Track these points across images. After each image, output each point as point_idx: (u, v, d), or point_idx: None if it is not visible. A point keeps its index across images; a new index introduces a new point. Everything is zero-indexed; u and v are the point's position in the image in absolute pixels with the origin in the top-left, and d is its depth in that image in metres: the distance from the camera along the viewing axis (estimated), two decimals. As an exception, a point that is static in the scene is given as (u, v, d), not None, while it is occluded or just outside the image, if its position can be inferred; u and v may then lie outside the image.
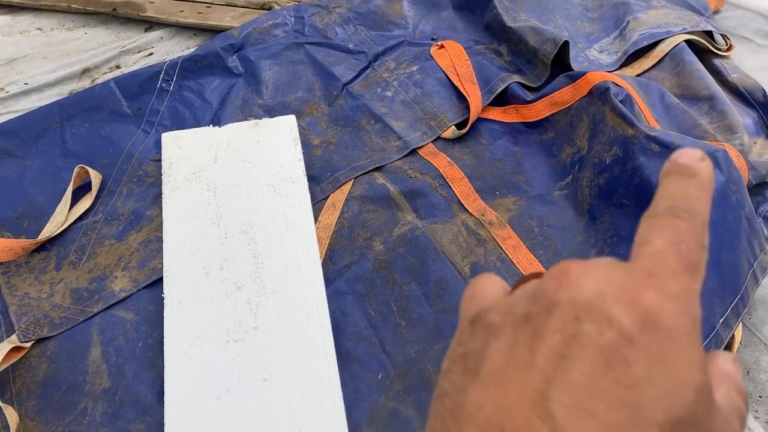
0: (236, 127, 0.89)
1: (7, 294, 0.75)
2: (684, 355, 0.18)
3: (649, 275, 0.19)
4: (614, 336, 0.18)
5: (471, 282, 0.25)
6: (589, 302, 0.19)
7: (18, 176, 0.87)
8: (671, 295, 0.19)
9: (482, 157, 0.88)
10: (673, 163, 0.23)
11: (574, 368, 0.18)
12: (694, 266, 0.20)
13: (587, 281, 0.19)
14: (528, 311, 0.20)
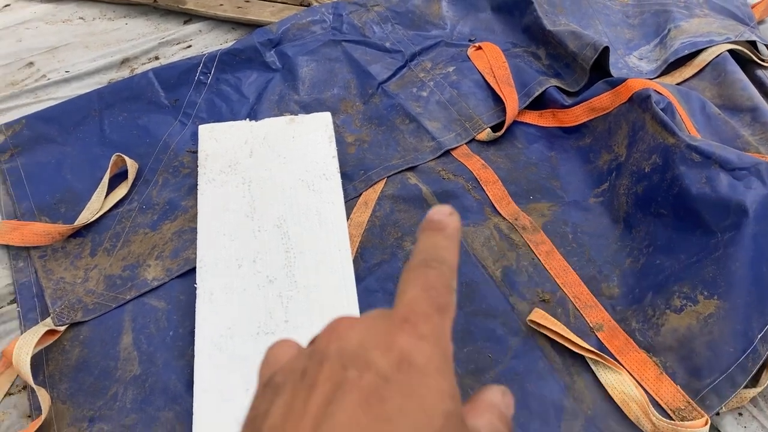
0: (272, 122, 0.89)
1: (43, 278, 0.76)
2: (434, 387, 0.21)
3: (404, 321, 0.22)
4: (372, 378, 0.21)
5: (267, 350, 0.27)
6: (353, 351, 0.21)
7: (57, 162, 0.88)
8: (423, 336, 0.22)
9: (517, 160, 0.88)
10: (427, 221, 0.27)
11: (339, 411, 0.20)
12: (444, 307, 0.24)
13: (352, 333, 0.22)
14: (305, 366, 0.22)
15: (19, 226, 0.80)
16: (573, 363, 0.69)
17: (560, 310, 0.73)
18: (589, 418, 0.65)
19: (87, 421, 0.66)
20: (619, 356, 0.68)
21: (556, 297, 0.74)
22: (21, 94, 0.99)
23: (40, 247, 0.79)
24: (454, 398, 0.22)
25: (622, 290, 0.73)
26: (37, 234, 0.79)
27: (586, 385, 0.67)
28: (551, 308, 0.73)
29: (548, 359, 0.69)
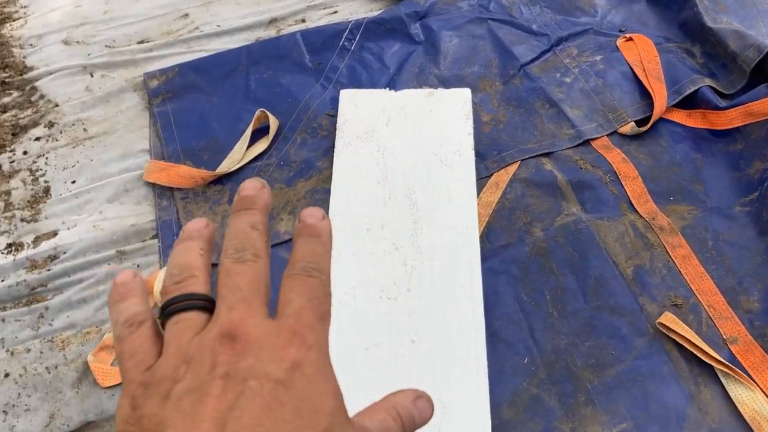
0: (411, 93, 0.90)
1: (183, 218, 0.80)
2: (321, 390, 0.25)
3: (293, 334, 0.25)
4: (271, 386, 0.23)
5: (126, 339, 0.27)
6: (252, 366, 0.24)
7: (203, 111, 0.92)
8: (310, 346, 0.25)
9: (660, 158, 0.84)
10: (302, 225, 0.30)
11: (243, 414, 0.23)
12: (324, 315, 0.27)
13: (249, 351, 0.24)
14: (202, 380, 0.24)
15: (166, 167, 0.84)
16: (700, 372, 0.66)
17: (692, 317, 0.70)
18: (713, 431, 0.62)
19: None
20: (754, 373, 0.64)
21: (689, 303, 0.71)
22: (175, 43, 1.04)
23: (182, 189, 0.83)
24: (337, 397, 0.25)
25: (764, 305, 0.69)
26: (181, 176, 0.83)
27: (713, 396, 0.64)
28: (683, 314, 0.70)
29: (674, 365, 0.67)
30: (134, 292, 0.29)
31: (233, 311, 0.26)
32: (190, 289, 0.28)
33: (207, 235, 0.30)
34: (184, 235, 0.30)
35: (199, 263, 0.29)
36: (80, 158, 0.88)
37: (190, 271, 0.28)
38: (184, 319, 0.26)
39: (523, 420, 0.64)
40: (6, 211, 0.83)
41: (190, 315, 0.27)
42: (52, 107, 0.95)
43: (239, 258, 0.28)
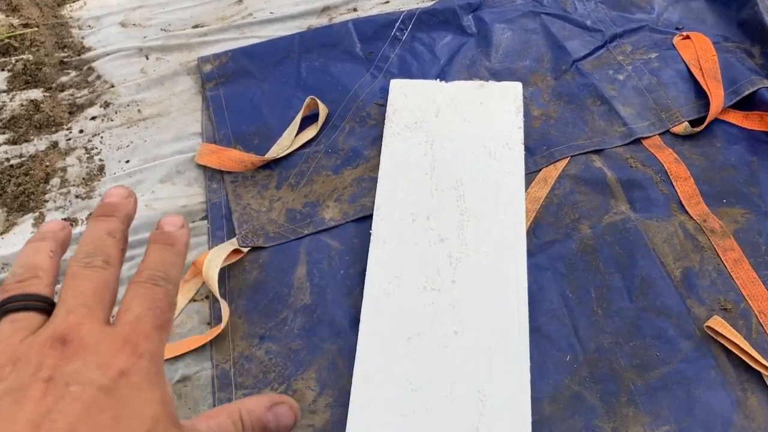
0: (462, 85, 0.90)
1: (232, 201, 0.82)
2: (146, 397, 0.25)
3: (125, 342, 0.25)
4: (94, 392, 0.23)
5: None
6: (76, 371, 0.24)
7: (255, 97, 0.94)
8: (141, 354, 0.25)
9: (713, 160, 0.83)
10: (159, 231, 0.30)
11: (60, 419, 0.23)
12: (164, 325, 0.27)
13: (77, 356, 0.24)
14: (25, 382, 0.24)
15: (217, 151, 0.86)
16: (748, 378, 0.65)
17: (742, 322, 0.69)
18: (760, 439, 0.61)
19: (258, 338, 0.71)
20: (804, 382, 0.63)
21: (739, 308, 0.70)
22: (229, 28, 1.05)
23: (232, 173, 0.85)
24: (165, 404, 0.26)
25: (817, 314, 0.68)
26: (232, 160, 0.85)
27: (760, 403, 0.63)
28: (732, 318, 0.69)
29: (721, 370, 0.66)
30: None
31: (70, 315, 0.26)
32: (31, 289, 0.28)
33: (61, 238, 0.30)
34: (37, 235, 0.30)
35: (45, 265, 0.29)
36: (134, 138, 0.90)
37: (33, 272, 0.28)
38: (20, 319, 0.27)
39: (563, 417, 0.64)
40: (62, 187, 0.85)
41: (27, 315, 0.27)
42: (108, 88, 0.97)
43: (88, 263, 0.28)
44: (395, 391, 0.64)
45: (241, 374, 0.68)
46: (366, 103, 0.92)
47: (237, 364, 0.69)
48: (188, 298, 0.74)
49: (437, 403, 0.63)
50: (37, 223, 0.81)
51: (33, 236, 0.30)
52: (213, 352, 0.70)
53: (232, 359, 0.69)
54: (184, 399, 0.67)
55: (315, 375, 0.68)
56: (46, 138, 0.91)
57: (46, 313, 0.27)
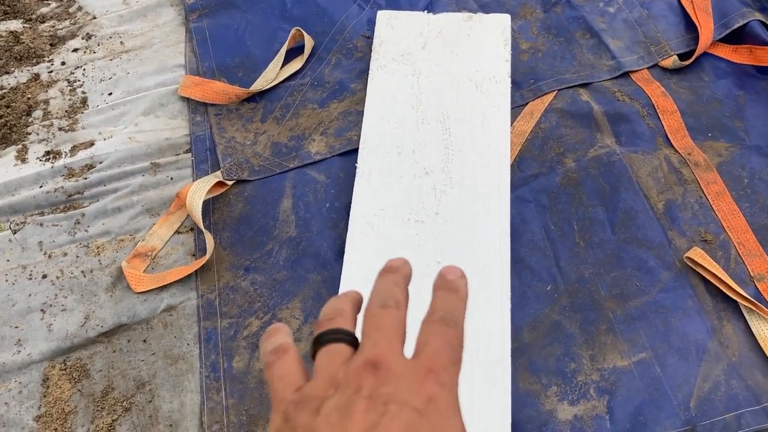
0: (450, 17, 0.88)
1: (216, 134, 0.81)
2: (450, 423, 0.27)
3: (429, 371, 0.28)
4: (411, 411, 0.26)
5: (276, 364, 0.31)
6: (392, 393, 0.27)
7: (239, 28, 0.92)
8: (443, 384, 0.28)
9: (700, 94, 0.82)
10: (442, 280, 0.33)
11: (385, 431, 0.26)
12: (458, 360, 0.30)
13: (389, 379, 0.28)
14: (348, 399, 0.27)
15: (200, 83, 0.85)
16: (725, 308, 0.66)
17: (721, 253, 0.69)
18: (733, 365, 0.63)
19: (243, 269, 0.71)
20: (778, 310, 0.64)
21: (718, 239, 0.70)
22: (212, -42, 1.02)
23: (216, 105, 0.84)
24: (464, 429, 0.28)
25: (795, 245, 0.69)
26: (215, 92, 0.84)
27: (735, 331, 0.65)
28: (711, 250, 0.70)
29: (699, 299, 0.67)
30: (281, 331, 0.34)
31: (377, 346, 0.29)
32: (338, 324, 0.32)
33: (355, 297, 0.35)
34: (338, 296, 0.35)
35: (348, 309, 0.33)
36: (117, 71, 0.89)
37: (338, 312, 0.33)
38: (333, 350, 0.31)
39: (543, 344, 0.65)
40: (44, 119, 0.84)
41: (339, 346, 0.31)
42: (89, 19, 0.95)
43: (383, 305, 0.32)
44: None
45: (226, 304, 0.69)
46: (353, 35, 0.91)
47: (222, 295, 0.70)
48: (173, 230, 0.74)
49: (419, 331, 0.64)
50: (20, 155, 0.81)
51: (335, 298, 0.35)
52: (198, 282, 0.70)
53: (217, 290, 0.70)
54: (170, 328, 0.68)
55: (300, 305, 0.69)
56: (27, 70, 0.89)
57: (354, 346, 0.31)
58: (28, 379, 0.66)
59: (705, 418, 0.61)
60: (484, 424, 0.59)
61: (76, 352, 0.67)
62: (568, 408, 0.62)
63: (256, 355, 0.66)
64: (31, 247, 0.74)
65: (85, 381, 0.66)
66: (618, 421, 0.61)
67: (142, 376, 0.66)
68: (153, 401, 0.64)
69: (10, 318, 0.69)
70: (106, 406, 0.64)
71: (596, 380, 0.63)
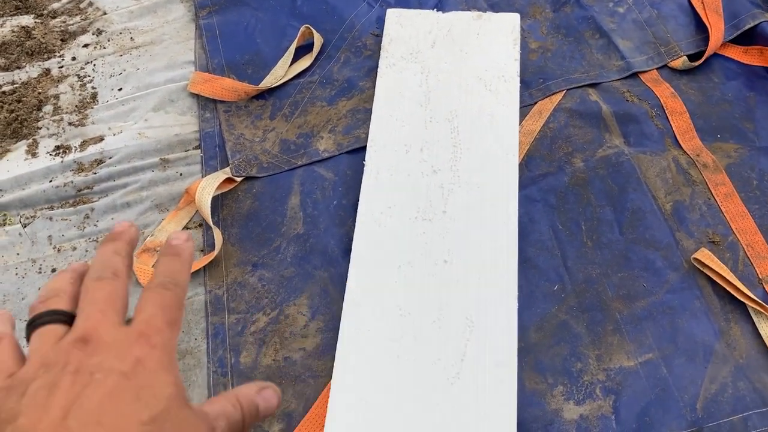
0: (459, 15, 0.88)
1: (225, 130, 0.81)
2: (161, 379, 0.29)
3: (140, 335, 0.30)
4: (115, 377, 0.28)
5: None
6: (99, 363, 0.28)
7: (249, 25, 0.92)
8: (155, 345, 0.29)
9: (710, 95, 0.82)
10: (167, 245, 0.35)
11: (87, 401, 0.27)
12: (174, 321, 0.31)
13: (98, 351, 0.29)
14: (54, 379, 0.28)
15: (210, 79, 0.85)
16: (732, 310, 0.66)
17: (729, 255, 0.69)
18: (740, 366, 0.63)
19: (251, 265, 0.72)
20: (786, 313, 0.64)
21: (726, 241, 0.70)
22: (223, -45, 1.03)
23: (225, 102, 0.84)
24: (177, 386, 0.29)
25: (804, 247, 0.69)
26: (225, 89, 0.84)
27: (743, 333, 0.65)
28: (719, 251, 0.69)
29: (706, 301, 0.67)
30: None
31: (88, 320, 0.30)
32: (52, 306, 0.32)
33: (81, 271, 0.35)
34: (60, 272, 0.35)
35: (65, 287, 0.33)
36: (127, 67, 0.89)
37: (54, 293, 0.33)
38: (45, 331, 0.31)
39: (549, 344, 0.66)
40: (54, 114, 0.84)
41: (52, 327, 0.31)
42: (100, 15, 0.96)
43: (98, 277, 0.33)
44: (384, 316, 0.65)
45: (234, 300, 0.69)
46: (362, 33, 0.91)
47: (230, 290, 0.70)
48: (182, 226, 0.75)
49: (425, 329, 0.64)
50: (31, 150, 0.81)
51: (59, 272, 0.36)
52: (206, 278, 0.71)
53: (225, 285, 0.70)
54: (178, 322, 0.68)
55: (307, 301, 0.69)
56: (38, 65, 0.90)
57: (68, 324, 0.31)
58: (36, 372, 0.66)
59: (711, 419, 0.61)
60: (490, 423, 0.59)
61: (85, 346, 0.68)
62: (574, 408, 0.62)
63: (263, 351, 0.66)
64: (41, 241, 0.74)
65: (93, 375, 0.66)
66: (624, 421, 0.61)
67: (149, 371, 0.66)
68: (160, 396, 0.65)
69: (19, 312, 0.70)
70: (113, 400, 0.64)
71: (602, 380, 0.63)
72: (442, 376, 0.62)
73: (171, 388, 0.29)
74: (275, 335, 0.67)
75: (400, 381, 0.62)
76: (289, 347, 0.66)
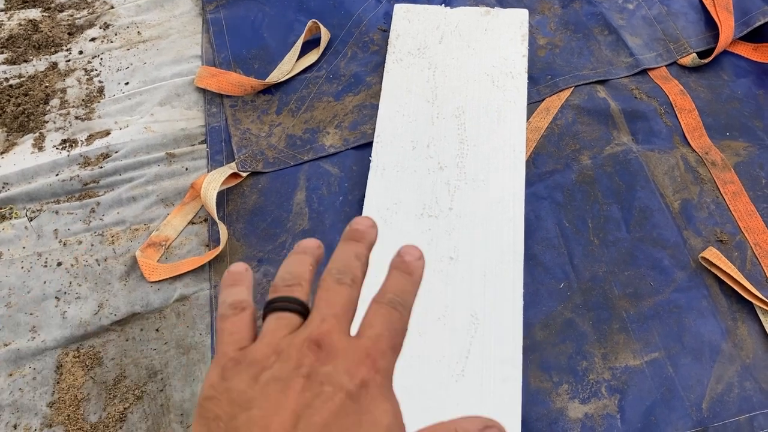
0: (467, 11, 0.88)
1: (231, 125, 0.81)
2: (382, 408, 0.28)
3: (366, 356, 0.29)
4: (342, 396, 0.27)
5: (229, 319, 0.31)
6: (329, 374, 0.28)
7: (256, 20, 0.92)
8: (378, 369, 0.29)
9: (719, 93, 0.81)
10: (400, 259, 0.34)
11: (317, 414, 0.26)
12: (397, 345, 0.30)
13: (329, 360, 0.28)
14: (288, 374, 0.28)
15: (217, 74, 0.85)
16: (739, 309, 0.66)
17: (737, 254, 0.69)
18: (746, 366, 0.62)
19: (256, 261, 0.71)
20: (794, 313, 0.64)
21: (734, 240, 0.70)
22: (230, -50, 1.02)
23: (231, 97, 0.84)
24: (396, 416, 0.28)
25: (813, 247, 0.68)
26: (231, 83, 0.84)
27: (749, 333, 0.64)
28: (727, 250, 0.69)
29: (713, 300, 0.66)
30: (243, 282, 0.34)
31: (324, 323, 0.30)
32: (294, 294, 0.32)
33: (318, 255, 0.35)
34: (299, 249, 0.35)
35: (306, 275, 0.33)
36: (134, 61, 0.89)
37: (298, 280, 0.33)
38: (283, 317, 0.31)
39: (554, 342, 0.65)
40: (61, 108, 0.84)
41: (288, 315, 0.31)
42: (107, 9, 0.96)
43: (339, 280, 0.32)
44: (390, 313, 0.65)
45: (238, 295, 0.69)
46: (369, 29, 0.90)
47: (235, 285, 0.70)
48: (187, 220, 0.75)
49: (431, 326, 0.64)
50: (37, 143, 0.81)
51: (295, 249, 0.35)
52: (211, 273, 0.71)
53: (230, 280, 0.70)
54: (182, 318, 0.68)
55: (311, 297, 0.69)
56: (45, 58, 0.90)
57: (303, 317, 0.31)
58: (42, 366, 0.66)
59: (717, 419, 0.60)
60: (494, 420, 0.59)
61: (90, 340, 0.68)
62: (579, 406, 0.62)
63: (267, 347, 0.66)
64: (47, 235, 0.74)
65: (97, 369, 0.66)
66: (629, 420, 0.61)
67: (154, 365, 0.66)
68: (165, 390, 0.65)
69: (25, 305, 0.70)
70: (118, 394, 0.65)
71: (608, 379, 0.63)
72: (447, 373, 0.62)
73: (390, 418, 0.28)
74: (280, 331, 0.67)
75: (405, 378, 0.62)
76: None
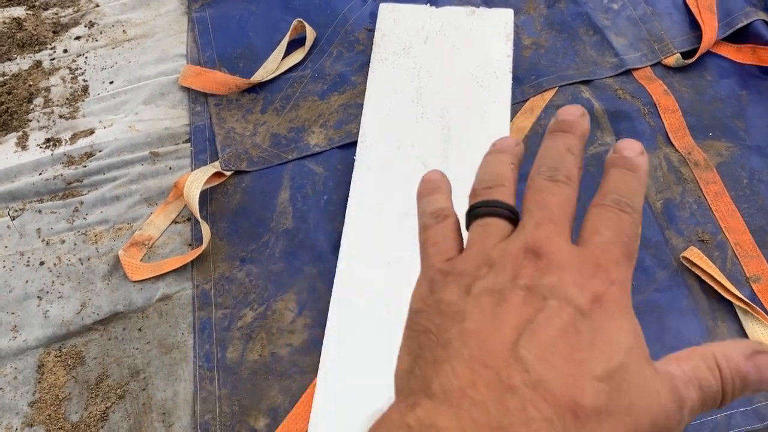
0: (452, 11, 0.88)
1: (216, 124, 0.81)
2: (619, 326, 0.24)
3: (597, 266, 0.24)
4: (571, 311, 0.23)
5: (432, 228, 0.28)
6: (553, 286, 0.24)
7: (241, 18, 0.92)
8: (613, 281, 0.24)
9: (703, 93, 0.82)
10: (618, 156, 0.28)
11: (540, 330, 0.23)
12: (632, 254, 0.26)
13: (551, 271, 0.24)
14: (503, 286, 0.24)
15: (201, 72, 0.85)
16: (719, 308, 0.66)
17: (717, 253, 0.69)
18: (726, 366, 0.63)
19: (239, 260, 0.71)
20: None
21: (715, 240, 0.70)
22: (217, -52, 1.02)
23: (216, 96, 0.84)
24: (636, 335, 0.24)
25: (793, 247, 0.68)
26: (216, 82, 0.84)
27: (729, 332, 0.65)
28: (708, 250, 0.69)
29: (694, 299, 0.67)
30: (441, 189, 0.31)
31: (540, 228, 0.26)
32: (498, 196, 0.28)
33: (518, 153, 0.31)
34: (495, 148, 0.31)
35: (509, 175, 0.29)
36: (118, 59, 0.89)
37: (500, 180, 0.29)
38: (490, 224, 0.27)
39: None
40: (45, 107, 0.84)
41: (496, 221, 0.27)
42: (92, 7, 0.95)
43: (552, 177, 0.28)
44: (372, 314, 0.65)
45: (221, 294, 0.69)
46: (355, 28, 0.90)
47: (217, 285, 0.70)
48: (170, 220, 0.74)
49: (413, 326, 0.64)
50: (20, 142, 0.81)
51: (491, 149, 0.31)
52: (194, 272, 0.71)
53: (212, 280, 0.70)
54: (165, 317, 0.68)
55: (295, 297, 0.69)
56: (29, 57, 0.90)
57: (512, 222, 0.27)
58: (23, 365, 0.66)
59: (696, 417, 0.60)
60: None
61: (72, 339, 0.68)
62: (560, 405, 0.62)
63: (249, 346, 0.66)
64: (30, 234, 0.74)
65: (79, 368, 0.66)
66: (609, 419, 0.61)
67: (136, 365, 0.66)
68: (147, 389, 0.65)
69: (6, 304, 0.69)
70: (100, 394, 0.64)
71: (589, 378, 0.63)
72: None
73: (630, 338, 0.24)
74: (262, 331, 0.67)
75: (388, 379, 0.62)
76: (275, 343, 0.66)
